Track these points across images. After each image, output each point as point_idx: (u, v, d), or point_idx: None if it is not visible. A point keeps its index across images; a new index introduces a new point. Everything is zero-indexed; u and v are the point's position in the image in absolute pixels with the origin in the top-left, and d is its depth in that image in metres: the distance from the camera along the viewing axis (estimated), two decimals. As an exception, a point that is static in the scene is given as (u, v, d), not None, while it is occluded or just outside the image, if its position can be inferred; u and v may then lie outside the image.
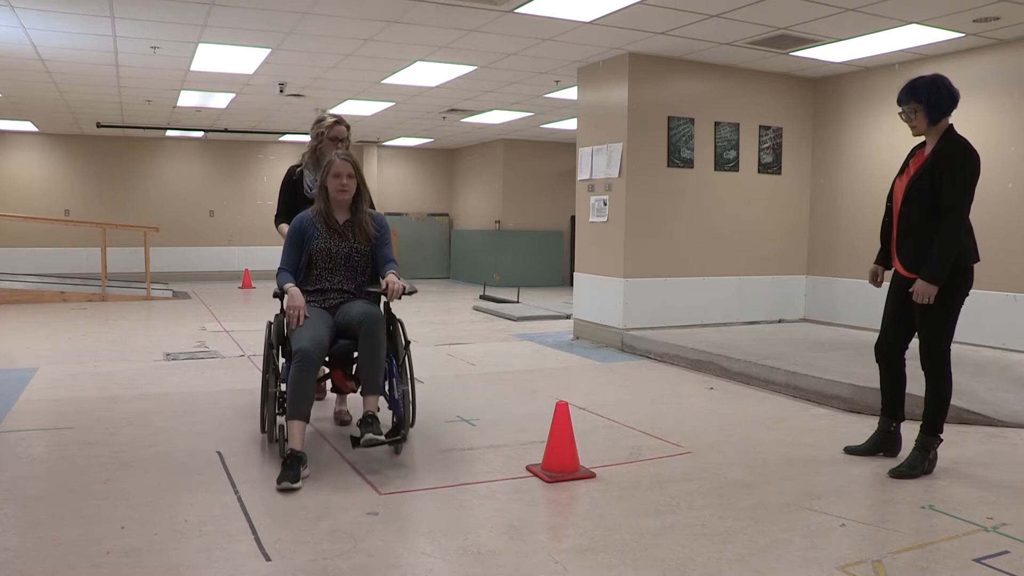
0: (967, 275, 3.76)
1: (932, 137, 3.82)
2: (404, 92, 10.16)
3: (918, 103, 3.78)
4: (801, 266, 8.88)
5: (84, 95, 10.56)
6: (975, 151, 3.72)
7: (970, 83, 7.23)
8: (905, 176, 3.89)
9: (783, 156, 8.70)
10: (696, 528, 3.16)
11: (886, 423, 4.14)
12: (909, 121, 3.85)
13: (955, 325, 3.81)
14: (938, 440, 3.86)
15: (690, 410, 5.35)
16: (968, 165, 3.69)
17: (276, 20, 6.74)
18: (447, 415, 4.97)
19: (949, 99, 3.77)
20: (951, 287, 3.70)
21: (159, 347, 7.46)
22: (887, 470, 3.87)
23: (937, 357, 3.81)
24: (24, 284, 11.95)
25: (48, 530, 3.04)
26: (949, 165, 3.68)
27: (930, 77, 3.86)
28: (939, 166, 3.70)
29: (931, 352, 3.81)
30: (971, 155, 3.70)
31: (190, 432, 4.55)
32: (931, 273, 3.66)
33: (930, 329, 3.81)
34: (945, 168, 3.68)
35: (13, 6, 6.32)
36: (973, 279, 3.80)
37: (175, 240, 15.56)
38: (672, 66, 7.96)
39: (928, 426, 3.86)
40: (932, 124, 3.78)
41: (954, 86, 3.82)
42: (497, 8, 6.26)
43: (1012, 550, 2.94)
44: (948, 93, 3.78)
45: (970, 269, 3.76)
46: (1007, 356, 6.58)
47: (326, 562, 2.79)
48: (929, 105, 3.76)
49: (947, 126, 3.79)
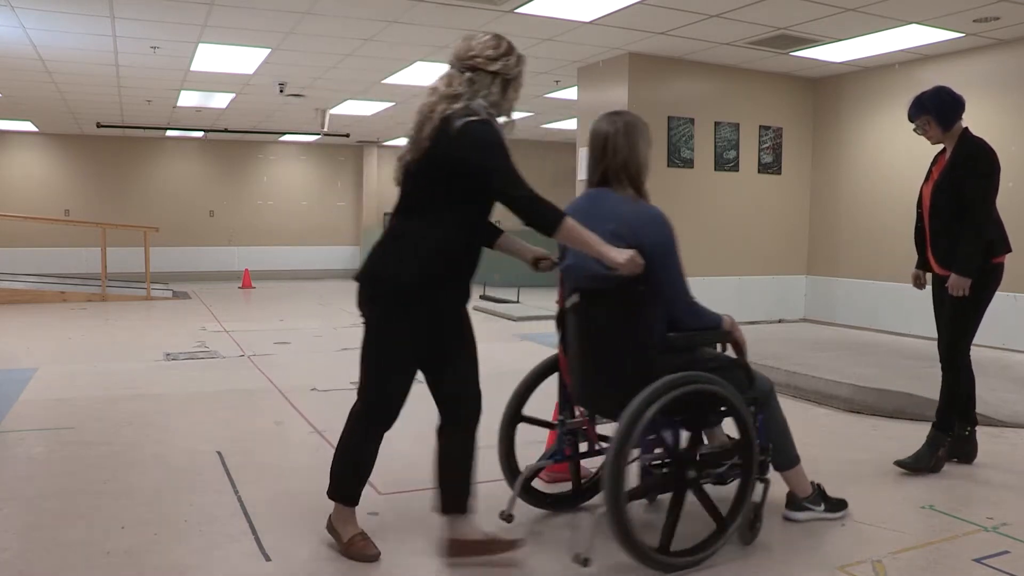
0: (996, 270, 3.85)
1: (949, 143, 3.91)
2: (404, 92, 10.15)
3: (927, 114, 3.88)
4: (801, 266, 8.88)
5: (84, 95, 10.56)
6: (991, 148, 3.82)
7: (970, 83, 7.23)
8: (930, 182, 3.98)
9: (783, 156, 8.70)
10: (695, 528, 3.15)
11: (960, 428, 4.00)
12: (925, 133, 3.94)
13: (979, 323, 3.89)
14: (948, 437, 3.88)
15: (690, 410, 5.34)
16: (986, 161, 3.79)
17: (276, 20, 6.74)
18: (447, 415, 4.96)
19: (954, 104, 3.86)
20: (981, 282, 3.78)
21: (159, 347, 7.46)
22: (892, 467, 3.87)
23: (957, 353, 3.88)
24: (24, 284, 11.95)
25: (48, 530, 3.04)
26: (968, 164, 3.79)
27: (933, 89, 3.95)
28: (959, 167, 3.81)
29: (952, 347, 3.88)
30: (988, 152, 3.81)
31: (190, 432, 4.55)
32: (963, 267, 3.74)
33: (956, 324, 3.88)
34: (965, 168, 3.79)
35: (13, 6, 6.32)
36: (1002, 275, 3.89)
37: (175, 240, 15.55)
38: (672, 66, 7.96)
39: (940, 422, 3.89)
40: (945, 130, 3.88)
41: (957, 92, 3.89)
42: (497, 8, 6.26)
43: (1012, 550, 2.93)
44: (952, 99, 3.87)
45: (996, 266, 3.85)
46: (1007, 356, 6.58)
47: (326, 562, 2.79)
48: (938, 113, 3.85)
49: (961, 129, 3.88)
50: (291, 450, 4.25)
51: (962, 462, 4.02)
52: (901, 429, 4.74)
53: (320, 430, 4.58)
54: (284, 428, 4.68)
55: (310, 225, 16.90)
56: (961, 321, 3.87)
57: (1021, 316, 6.78)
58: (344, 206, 17.21)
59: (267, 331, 8.69)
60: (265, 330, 8.78)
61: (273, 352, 7.32)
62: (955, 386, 3.89)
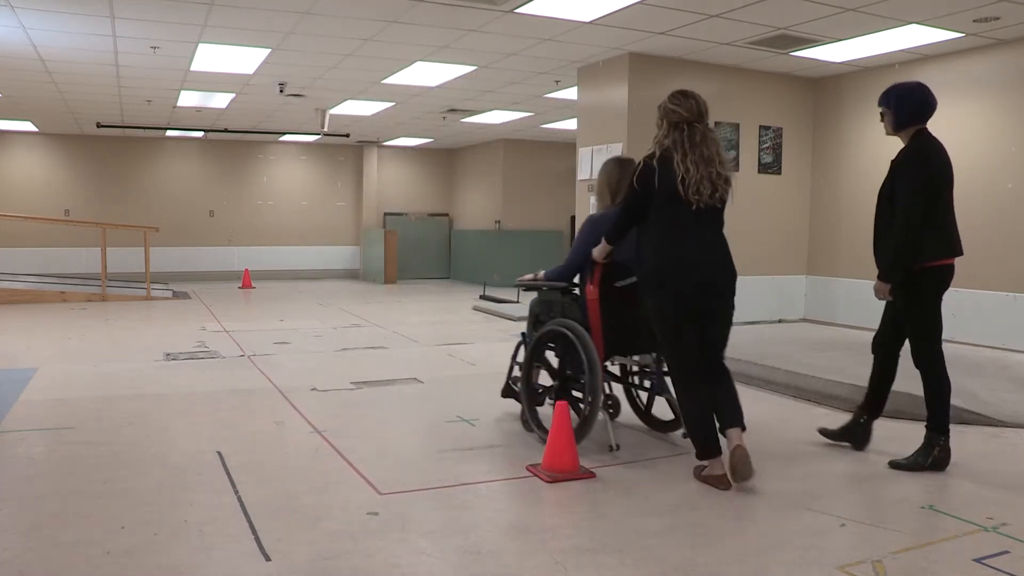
0: (934, 275, 3.79)
1: (903, 142, 3.88)
2: (404, 92, 10.16)
3: (887, 107, 3.85)
4: (801, 266, 8.88)
5: (84, 95, 10.56)
6: (933, 154, 3.74)
7: (970, 83, 7.24)
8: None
9: (783, 156, 8.70)
10: (696, 528, 3.16)
11: (858, 413, 4.23)
12: (883, 122, 3.93)
13: (938, 324, 3.87)
14: (942, 437, 3.86)
15: (690, 410, 5.34)
16: (915, 166, 3.73)
17: (276, 20, 6.74)
18: (447, 415, 4.97)
19: (914, 108, 3.79)
20: (917, 288, 3.78)
21: (159, 347, 7.46)
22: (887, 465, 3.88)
23: (924, 357, 3.87)
24: (24, 284, 11.95)
25: (48, 530, 3.04)
26: (900, 168, 3.78)
27: (907, 85, 3.91)
28: (893, 169, 3.82)
29: (918, 352, 3.90)
30: (922, 157, 3.74)
31: (190, 432, 4.55)
32: (880, 272, 3.81)
33: (912, 330, 3.91)
34: (897, 171, 3.79)
35: (13, 6, 6.32)
36: (948, 277, 3.84)
37: (175, 240, 15.56)
38: (672, 66, 7.96)
39: (930, 423, 3.89)
40: (897, 128, 3.84)
41: (930, 96, 3.82)
42: (497, 8, 6.26)
43: (1012, 550, 2.93)
44: (915, 102, 3.79)
45: (936, 268, 3.78)
46: (1007, 356, 6.58)
47: (326, 562, 2.79)
48: (895, 109, 3.81)
49: (915, 132, 3.81)
50: (291, 450, 4.25)
51: (854, 447, 4.18)
52: (901, 429, 4.74)
53: (320, 430, 4.57)
54: (284, 428, 4.68)
55: (310, 225, 16.90)
56: (915, 327, 3.89)
57: (1021, 316, 6.78)
58: (344, 206, 17.21)
59: (267, 331, 8.69)
60: (265, 330, 8.79)
61: (273, 352, 7.32)
62: (933, 388, 3.88)
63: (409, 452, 4.28)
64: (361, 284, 15.67)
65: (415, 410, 5.23)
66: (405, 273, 16.08)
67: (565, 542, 3.02)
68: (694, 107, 3.66)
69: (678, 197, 3.56)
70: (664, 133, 3.66)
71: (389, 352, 7.45)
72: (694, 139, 3.59)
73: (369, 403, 5.35)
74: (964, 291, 7.15)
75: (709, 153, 3.59)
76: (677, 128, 3.63)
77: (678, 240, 3.62)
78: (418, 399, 5.50)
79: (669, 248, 3.63)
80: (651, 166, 3.61)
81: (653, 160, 3.62)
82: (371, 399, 5.46)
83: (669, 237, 3.63)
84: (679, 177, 3.54)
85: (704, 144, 3.60)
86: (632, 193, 3.71)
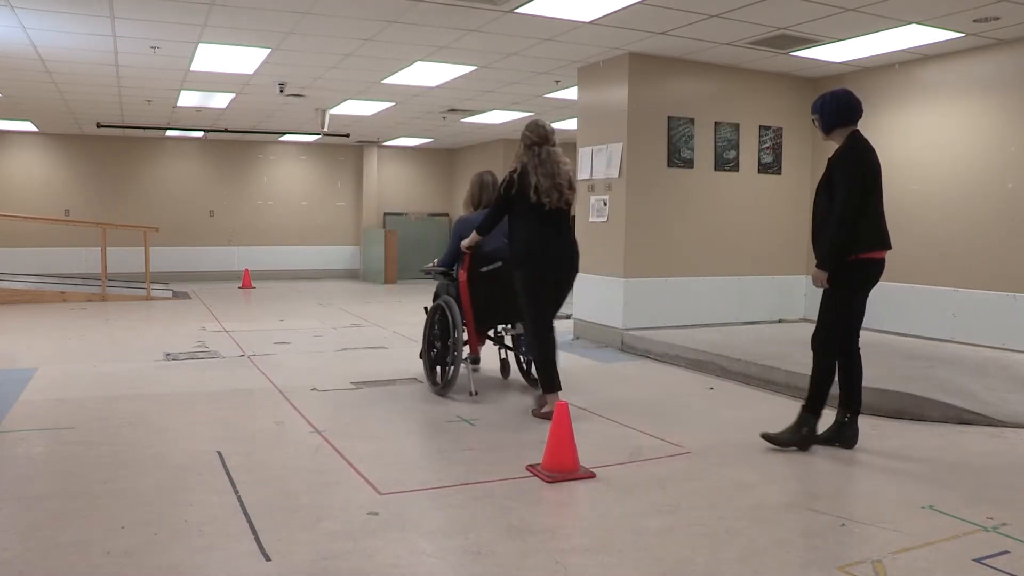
0: (865, 267, 4.04)
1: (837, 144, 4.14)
2: (404, 92, 10.16)
3: (816, 114, 4.17)
4: (801, 266, 8.87)
5: (84, 95, 10.56)
6: (865, 153, 4.01)
7: (970, 83, 7.24)
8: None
9: (783, 156, 8.70)
10: (696, 528, 3.16)
11: (840, 414, 4.31)
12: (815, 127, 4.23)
13: (852, 316, 4.14)
14: (813, 418, 4.14)
15: (690, 410, 5.35)
16: (851, 163, 4.00)
17: (276, 20, 6.74)
18: (447, 415, 4.97)
19: (838, 113, 4.09)
20: (846, 278, 4.02)
21: (159, 347, 7.46)
22: (893, 467, 3.87)
23: (819, 343, 4.17)
24: (24, 284, 11.95)
25: (48, 530, 3.04)
26: (837, 164, 4.04)
27: (832, 92, 4.18)
28: (830, 166, 4.07)
29: (816, 336, 4.17)
30: (856, 155, 4.02)
31: (190, 432, 4.55)
32: (819, 261, 4.05)
33: (822, 315, 4.19)
34: (834, 168, 4.04)
35: (13, 6, 6.32)
36: (877, 272, 4.08)
37: (175, 240, 15.56)
38: (672, 66, 7.95)
39: (807, 403, 4.19)
40: (826, 134, 4.16)
41: (855, 100, 4.11)
42: (497, 8, 6.26)
43: (1012, 550, 2.94)
44: (839, 108, 4.08)
45: (867, 261, 4.03)
46: (1007, 356, 6.58)
47: (326, 562, 2.79)
48: (821, 115, 4.13)
49: (848, 133, 4.08)
50: (291, 450, 4.24)
51: (843, 447, 4.23)
52: (901, 429, 4.74)
53: (320, 430, 4.58)
54: (284, 428, 4.68)
55: (310, 225, 16.90)
56: (825, 313, 4.15)
57: (1021, 316, 6.78)
58: (344, 206, 17.21)
59: (267, 331, 8.70)
60: (265, 330, 8.79)
61: (273, 352, 7.32)
62: (815, 372, 4.16)
63: (409, 452, 4.29)
64: (361, 284, 15.67)
65: (415, 410, 5.23)
66: (405, 273, 16.08)
67: (565, 542, 3.02)
68: (542, 132, 4.88)
69: (535, 200, 4.72)
70: (521, 152, 4.85)
71: (389, 352, 7.45)
72: (541, 157, 4.80)
73: (369, 403, 5.35)
74: (964, 291, 7.15)
75: (553, 169, 4.78)
76: (530, 149, 4.82)
77: (540, 231, 4.78)
78: (418, 399, 5.50)
79: (535, 237, 4.79)
80: (513, 179, 4.79)
81: (515, 174, 4.79)
82: (371, 399, 5.46)
83: (534, 229, 4.78)
84: (533, 186, 4.71)
85: (549, 162, 4.79)
86: (499, 198, 4.95)
